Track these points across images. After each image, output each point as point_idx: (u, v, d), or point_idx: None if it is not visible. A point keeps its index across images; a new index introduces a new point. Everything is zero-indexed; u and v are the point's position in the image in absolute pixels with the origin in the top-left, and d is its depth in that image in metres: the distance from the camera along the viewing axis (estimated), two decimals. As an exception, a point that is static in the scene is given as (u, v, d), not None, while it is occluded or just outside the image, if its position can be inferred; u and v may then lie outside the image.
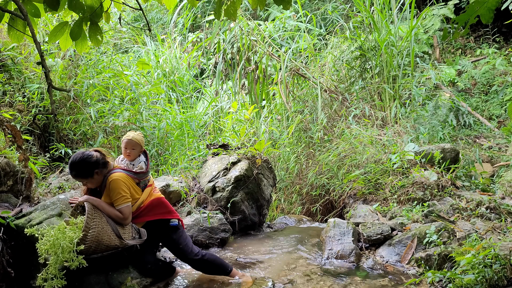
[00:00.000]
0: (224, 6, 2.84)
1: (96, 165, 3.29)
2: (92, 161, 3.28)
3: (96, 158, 3.30)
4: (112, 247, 3.25)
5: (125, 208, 3.30)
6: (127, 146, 3.51)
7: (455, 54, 8.58)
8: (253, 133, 6.89)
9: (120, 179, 3.32)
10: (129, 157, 3.52)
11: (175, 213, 3.63)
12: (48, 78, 3.28)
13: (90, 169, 3.27)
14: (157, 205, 3.55)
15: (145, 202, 3.51)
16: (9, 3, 2.99)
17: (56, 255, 2.97)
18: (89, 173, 3.29)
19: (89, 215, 3.12)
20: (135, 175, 3.45)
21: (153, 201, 3.53)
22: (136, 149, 3.53)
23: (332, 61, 7.36)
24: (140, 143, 3.55)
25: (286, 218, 5.68)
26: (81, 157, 3.27)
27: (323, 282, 3.57)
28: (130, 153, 3.51)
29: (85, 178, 3.32)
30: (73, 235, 3.04)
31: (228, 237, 4.57)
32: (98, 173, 3.31)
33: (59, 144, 5.66)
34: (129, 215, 3.34)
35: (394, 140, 5.79)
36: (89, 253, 3.12)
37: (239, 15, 7.55)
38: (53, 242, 2.99)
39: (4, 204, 3.80)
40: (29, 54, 6.34)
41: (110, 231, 3.23)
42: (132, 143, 3.51)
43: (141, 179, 3.50)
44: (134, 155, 3.53)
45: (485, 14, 2.11)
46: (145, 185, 3.56)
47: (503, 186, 4.86)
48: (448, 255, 3.58)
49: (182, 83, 8.55)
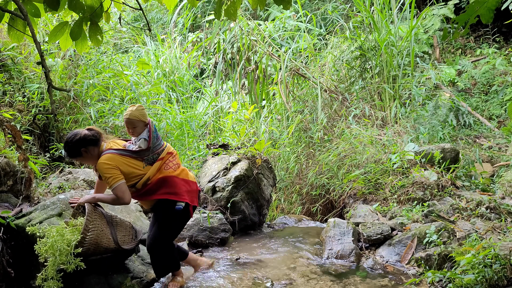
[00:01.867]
0: (224, 6, 2.84)
1: (82, 143, 3.16)
2: (76, 140, 3.16)
3: (82, 136, 3.18)
4: (111, 249, 3.24)
5: (116, 188, 3.13)
6: (128, 126, 3.34)
7: (455, 54, 8.57)
8: (253, 133, 6.89)
9: (104, 161, 3.14)
10: (133, 135, 3.36)
11: (184, 196, 3.35)
12: (48, 78, 3.28)
13: (76, 148, 3.17)
14: (164, 184, 3.31)
15: (153, 179, 3.30)
16: (9, 3, 2.99)
17: (54, 257, 2.96)
18: (77, 152, 3.19)
19: (88, 217, 3.11)
20: (133, 154, 3.25)
21: (160, 179, 3.31)
22: (138, 125, 3.33)
23: (332, 61, 7.36)
24: (140, 118, 3.32)
25: (286, 218, 5.68)
26: (67, 137, 3.22)
27: (323, 282, 3.57)
28: (133, 131, 3.34)
29: (75, 158, 3.25)
30: (71, 238, 3.02)
31: (228, 237, 4.57)
32: (87, 152, 3.19)
33: (59, 144, 5.66)
34: (124, 193, 3.16)
35: (394, 140, 5.79)
36: (87, 255, 3.11)
37: (239, 15, 7.55)
38: (51, 244, 2.98)
39: (4, 204, 3.80)
40: (29, 54, 6.34)
41: (109, 233, 3.21)
42: (131, 122, 3.31)
43: (143, 156, 3.29)
44: (138, 132, 3.34)
45: (485, 14, 2.11)
46: (154, 159, 3.34)
47: (503, 186, 4.86)
48: (448, 255, 3.58)
49: (182, 83, 8.54)
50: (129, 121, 3.32)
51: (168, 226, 3.39)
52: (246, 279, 3.62)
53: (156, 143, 3.35)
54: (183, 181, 3.39)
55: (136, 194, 3.36)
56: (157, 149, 3.35)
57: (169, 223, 3.39)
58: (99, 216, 3.22)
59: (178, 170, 3.42)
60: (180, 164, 3.50)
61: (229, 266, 3.94)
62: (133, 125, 3.32)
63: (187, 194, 3.37)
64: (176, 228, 3.48)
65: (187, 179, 3.43)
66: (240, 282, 3.56)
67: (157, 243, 3.35)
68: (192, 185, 3.46)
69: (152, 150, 3.32)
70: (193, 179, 3.52)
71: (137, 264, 3.62)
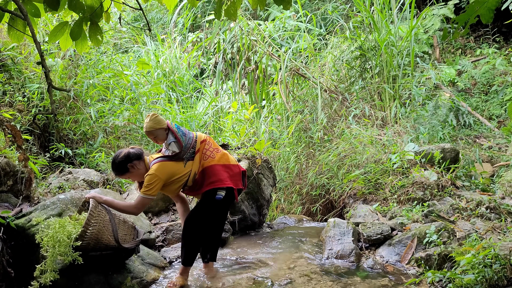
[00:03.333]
0: (224, 6, 2.84)
1: (128, 160, 3.33)
2: (121, 156, 3.35)
3: (126, 153, 3.36)
4: (111, 247, 3.25)
5: (143, 198, 3.26)
6: (148, 137, 3.51)
7: (455, 54, 8.57)
8: (253, 133, 6.89)
9: (156, 173, 3.27)
10: (158, 142, 3.49)
11: (227, 181, 3.42)
12: (48, 78, 3.29)
13: (122, 165, 3.33)
14: (206, 174, 3.42)
15: (198, 173, 3.43)
16: (9, 3, 3.00)
17: (54, 248, 2.99)
18: (124, 169, 3.35)
19: (91, 212, 3.12)
20: (172, 159, 3.37)
21: (202, 172, 3.42)
22: (158, 134, 3.44)
23: (332, 61, 7.36)
24: (155, 127, 3.41)
25: (286, 218, 5.68)
26: (113, 157, 3.40)
27: (323, 282, 3.57)
28: (156, 140, 3.47)
29: (124, 174, 3.38)
30: (72, 230, 3.05)
31: (228, 237, 4.57)
32: (133, 167, 3.35)
33: (59, 144, 5.66)
34: (143, 206, 3.30)
35: (394, 140, 5.79)
36: (87, 250, 3.12)
37: (239, 15, 7.55)
38: (52, 235, 3.01)
39: (4, 204, 3.80)
40: (29, 54, 6.34)
41: (111, 230, 3.22)
42: (150, 133, 3.45)
43: (181, 158, 3.39)
44: (161, 139, 3.45)
45: (485, 14, 2.11)
46: (193, 154, 3.43)
47: (503, 186, 4.86)
48: (448, 255, 3.58)
49: (182, 83, 8.54)
50: (148, 133, 3.46)
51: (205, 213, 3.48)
52: (246, 279, 3.62)
53: (186, 140, 3.43)
54: (223, 167, 3.47)
55: (190, 191, 3.53)
56: (191, 144, 3.44)
57: (207, 211, 3.48)
58: (102, 212, 3.23)
59: (218, 156, 3.50)
60: (218, 148, 3.56)
61: (229, 266, 3.94)
62: (153, 135, 3.46)
63: (229, 179, 3.46)
64: (214, 216, 3.54)
65: (227, 164, 3.50)
66: (240, 282, 3.56)
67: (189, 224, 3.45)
68: (234, 169, 3.54)
69: (186, 147, 3.41)
70: (234, 162, 3.59)
71: (137, 264, 3.62)
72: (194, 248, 3.52)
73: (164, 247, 4.31)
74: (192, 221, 3.46)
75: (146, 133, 3.46)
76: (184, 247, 3.51)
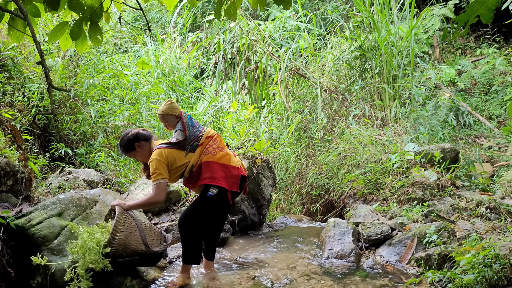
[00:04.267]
0: (224, 6, 2.84)
1: (136, 139, 3.44)
2: (130, 135, 3.46)
3: (136, 132, 3.48)
4: (139, 252, 3.28)
5: (157, 184, 3.32)
6: (160, 121, 3.60)
7: (455, 54, 8.57)
8: (253, 133, 6.89)
9: (155, 157, 3.35)
10: (168, 128, 3.56)
11: (220, 181, 3.40)
12: (48, 78, 3.29)
13: (130, 143, 3.44)
14: (203, 169, 3.44)
15: (196, 166, 3.46)
16: (9, 3, 3.00)
17: (84, 257, 3.03)
18: (131, 147, 3.45)
19: (118, 219, 3.17)
20: (175, 146, 3.43)
21: (200, 165, 3.44)
22: (169, 119, 3.50)
23: (332, 61, 7.36)
24: (168, 113, 3.48)
25: (286, 218, 5.68)
26: (123, 134, 3.52)
27: (323, 282, 3.57)
28: (166, 125, 3.55)
29: (129, 152, 3.48)
30: (101, 238, 3.10)
31: (228, 237, 4.57)
32: (140, 147, 3.45)
33: (59, 144, 5.67)
34: (162, 191, 3.34)
35: (394, 140, 5.79)
36: (116, 256, 3.14)
37: (239, 15, 7.55)
38: (81, 245, 3.06)
39: (4, 204, 3.80)
40: (29, 54, 6.34)
41: (138, 236, 3.26)
42: (162, 117, 3.52)
43: (184, 146, 3.44)
44: (171, 125, 3.52)
45: (485, 14, 2.11)
46: (195, 146, 3.47)
47: (503, 186, 4.86)
48: (448, 255, 3.58)
49: (182, 83, 8.54)
50: (160, 117, 3.54)
51: (198, 209, 3.49)
52: (246, 279, 3.62)
53: (192, 131, 3.48)
54: (221, 166, 3.45)
55: (187, 182, 3.56)
56: (196, 136, 3.48)
57: (199, 207, 3.50)
58: (128, 218, 3.27)
59: (219, 154, 3.48)
60: (223, 147, 3.54)
61: (229, 266, 3.94)
62: (164, 120, 3.52)
63: (224, 179, 3.42)
64: (208, 213, 3.53)
65: (227, 164, 3.47)
66: (240, 282, 3.56)
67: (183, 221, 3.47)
68: (233, 171, 3.49)
69: (191, 138, 3.45)
70: (236, 164, 3.54)
71: (137, 264, 3.62)
72: (191, 244, 3.50)
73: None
74: (186, 217, 3.49)
75: (159, 116, 3.55)
76: (182, 244, 3.54)
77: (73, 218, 3.62)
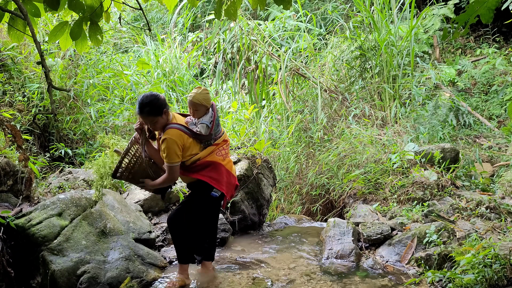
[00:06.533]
0: (224, 6, 2.84)
1: (165, 104, 3.30)
2: (162, 99, 3.30)
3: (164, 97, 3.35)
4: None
5: (172, 167, 3.30)
6: (190, 106, 3.46)
7: (455, 54, 8.57)
8: (253, 133, 6.89)
9: (172, 138, 3.26)
10: (194, 116, 3.46)
11: (223, 186, 3.46)
12: (48, 77, 3.29)
13: (161, 106, 3.26)
14: (210, 167, 3.43)
15: (202, 160, 3.41)
16: (9, 2, 3.00)
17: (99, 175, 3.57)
18: (160, 111, 3.26)
19: (131, 143, 3.37)
20: (194, 135, 3.36)
21: (209, 162, 3.42)
22: (200, 109, 3.42)
23: (332, 61, 7.35)
24: (202, 103, 3.40)
25: (286, 218, 5.68)
26: (152, 95, 3.32)
27: (323, 282, 3.57)
28: (193, 113, 3.44)
29: (154, 116, 3.26)
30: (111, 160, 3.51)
31: (228, 236, 4.57)
32: (165, 113, 3.30)
33: (59, 144, 5.67)
34: (176, 173, 3.34)
35: (394, 140, 5.79)
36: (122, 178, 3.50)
37: (239, 15, 7.55)
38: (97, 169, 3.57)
39: (4, 204, 3.80)
40: (29, 53, 6.34)
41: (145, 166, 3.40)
42: (194, 104, 3.41)
43: (201, 139, 3.41)
44: (198, 114, 3.43)
45: (485, 14, 2.11)
46: (208, 144, 3.45)
47: (503, 186, 4.86)
48: (448, 255, 3.58)
49: (182, 82, 8.54)
50: (191, 103, 3.42)
51: (195, 208, 3.50)
52: (246, 279, 3.63)
53: (216, 130, 3.46)
54: (227, 172, 3.50)
55: (183, 170, 3.46)
56: (216, 136, 3.47)
57: (197, 206, 3.50)
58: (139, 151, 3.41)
59: (226, 160, 3.53)
60: (228, 155, 3.60)
61: (229, 266, 3.94)
62: (195, 107, 3.43)
63: (226, 185, 3.48)
64: (203, 213, 3.55)
65: (230, 171, 3.54)
66: (240, 282, 3.56)
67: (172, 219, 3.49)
68: (232, 179, 3.57)
69: (211, 137, 3.43)
70: (234, 173, 3.62)
71: (137, 264, 3.62)
72: (182, 243, 3.51)
73: (164, 247, 4.31)
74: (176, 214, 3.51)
75: (191, 103, 3.41)
76: (174, 243, 3.55)
77: (73, 218, 3.62)
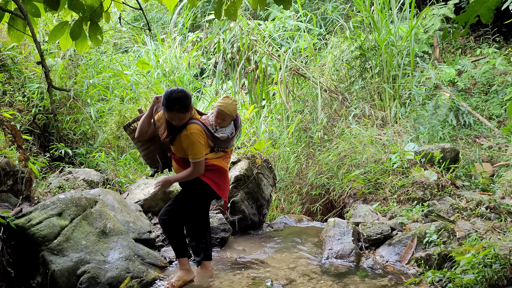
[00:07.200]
0: (224, 6, 2.85)
1: (191, 99, 3.27)
2: (189, 95, 3.25)
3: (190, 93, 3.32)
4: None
5: (199, 162, 3.32)
6: (218, 116, 3.43)
7: (455, 54, 8.57)
8: (253, 133, 6.89)
9: (198, 133, 3.27)
10: (219, 125, 3.45)
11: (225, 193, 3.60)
12: (48, 77, 3.29)
13: (189, 103, 3.23)
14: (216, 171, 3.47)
15: (209, 162, 3.43)
16: (9, 2, 3.00)
17: None
18: (187, 107, 3.22)
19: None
20: (211, 137, 3.36)
21: (215, 166, 3.46)
22: (227, 119, 3.44)
23: (332, 60, 7.35)
24: (232, 114, 3.42)
25: (286, 218, 5.68)
26: (180, 90, 3.22)
27: (323, 282, 3.57)
28: (220, 122, 3.44)
29: (182, 113, 3.21)
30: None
31: (228, 236, 4.57)
32: (191, 109, 3.28)
33: (59, 144, 5.67)
34: (202, 167, 3.35)
35: (394, 140, 5.79)
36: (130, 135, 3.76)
37: (239, 14, 7.55)
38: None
39: (4, 204, 3.80)
40: (29, 53, 6.34)
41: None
42: (223, 115, 3.41)
43: (216, 144, 3.42)
44: (224, 124, 3.46)
45: (485, 14, 2.11)
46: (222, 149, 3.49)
47: (503, 186, 4.86)
48: (448, 254, 3.58)
49: (182, 82, 8.54)
50: (221, 113, 3.41)
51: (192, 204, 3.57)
52: (246, 279, 3.62)
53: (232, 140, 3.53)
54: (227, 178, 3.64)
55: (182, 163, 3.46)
56: (229, 145, 3.53)
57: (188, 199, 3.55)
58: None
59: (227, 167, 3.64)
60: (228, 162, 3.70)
61: (229, 266, 3.94)
62: (223, 118, 3.43)
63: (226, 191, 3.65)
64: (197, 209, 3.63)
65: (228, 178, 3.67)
66: (240, 282, 3.56)
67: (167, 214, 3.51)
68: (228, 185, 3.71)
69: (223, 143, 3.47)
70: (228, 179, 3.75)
71: (137, 264, 3.62)
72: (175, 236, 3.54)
73: (164, 247, 4.31)
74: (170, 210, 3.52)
75: (222, 112, 3.39)
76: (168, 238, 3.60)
77: (73, 218, 3.62)
